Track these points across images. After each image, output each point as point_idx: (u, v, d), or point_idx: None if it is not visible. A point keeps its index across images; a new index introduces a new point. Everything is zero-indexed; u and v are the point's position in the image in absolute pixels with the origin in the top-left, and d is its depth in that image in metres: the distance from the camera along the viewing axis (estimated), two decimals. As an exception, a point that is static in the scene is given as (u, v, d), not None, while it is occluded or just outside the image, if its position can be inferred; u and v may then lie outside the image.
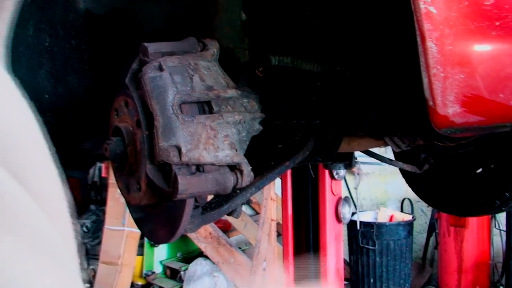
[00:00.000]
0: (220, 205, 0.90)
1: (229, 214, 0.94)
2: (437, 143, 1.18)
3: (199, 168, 0.76)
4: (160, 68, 0.78)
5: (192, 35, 0.88)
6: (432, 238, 4.79)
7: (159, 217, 0.90)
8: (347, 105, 1.07)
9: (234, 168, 0.80)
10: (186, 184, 0.73)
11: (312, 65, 1.00)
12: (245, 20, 0.99)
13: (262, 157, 0.83)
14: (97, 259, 4.84)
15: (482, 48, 0.60)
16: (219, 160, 0.76)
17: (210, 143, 0.76)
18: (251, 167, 0.81)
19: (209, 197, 0.90)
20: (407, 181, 1.61)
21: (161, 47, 0.82)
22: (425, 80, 0.61)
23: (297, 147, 1.03)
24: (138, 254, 4.99)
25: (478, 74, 0.60)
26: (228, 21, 1.00)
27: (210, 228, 4.54)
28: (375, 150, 1.52)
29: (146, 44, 0.83)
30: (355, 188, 2.60)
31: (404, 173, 1.60)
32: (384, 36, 0.93)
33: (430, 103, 0.62)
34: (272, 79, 0.99)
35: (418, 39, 0.60)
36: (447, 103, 0.60)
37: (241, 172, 0.80)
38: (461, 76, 0.60)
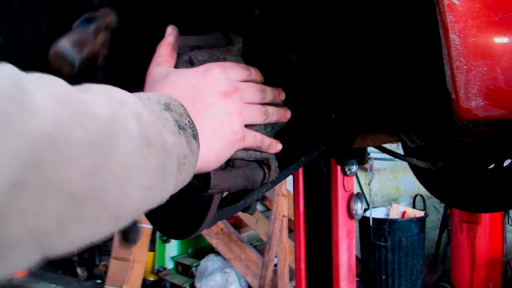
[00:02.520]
0: (236, 200, 0.89)
1: (244, 210, 0.93)
2: (456, 138, 1.16)
3: (229, 163, 0.75)
4: (191, 62, 0.77)
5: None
6: (445, 235, 4.76)
7: (182, 212, 0.89)
8: (362, 100, 1.06)
9: (262, 163, 0.79)
10: (218, 179, 0.72)
11: (327, 59, 0.99)
12: (258, 15, 0.98)
13: (278, 152, 0.81)
14: (109, 255, 4.87)
15: (506, 40, 0.58)
16: (249, 155, 0.75)
17: None
18: (277, 163, 0.80)
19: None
20: (418, 178, 1.59)
21: (189, 41, 0.81)
22: (447, 73, 0.59)
23: (313, 142, 1.02)
24: (149, 250, 5.02)
25: (502, 67, 0.58)
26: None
27: (221, 224, 4.55)
28: (387, 146, 1.51)
29: None
30: (368, 184, 2.59)
31: (414, 170, 1.59)
32: (402, 30, 0.91)
33: (453, 96, 0.60)
34: (287, 74, 0.98)
35: (441, 31, 0.58)
36: (470, 96, 0.59)
37: (269, 167, 0.79)
38: (484, 69, 0.58)
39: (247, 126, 0.74)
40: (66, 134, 0.45)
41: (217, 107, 0.70)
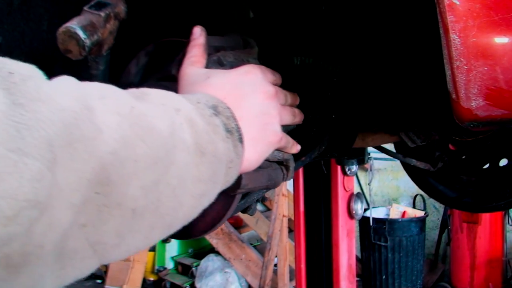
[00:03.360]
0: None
1: (244, 211, 0.93)
2: (456, 138, 1.16)
3: None
4: (220, 63, 0.77)
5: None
6: (445, 235, 4.76)
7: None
8: (363, 100, 1.06)
9: (281, 164, 0.80)
10: (248, 179, 0.72)
11: (330, 63, 1.00)
12: (252, 18, 0.98)
13: (297, 153, 0.82)
14: (109, 255, 4.86)
15: (506, 40, 0.58)
16: (273, 156, 0.76)
17: None
18: (294, 164, 0.81)
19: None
20: (414, 180, 1.59)
21: (213, 41, 0.81)
22: (448, 73, 0.59)
23: (314, 142, 1.02)
24: (149, 250, 5.02)
25: (502, 67, 0.58)
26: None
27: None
28: (387, 146, 1.51)
29: None
30: (368, 184, 2.59)
31: (410, 171, 1.58)
32: (402, 30, 0.91)
33: (453, 96, 0.60)
34: (290, 78, 0.98)
35: (441, 31, 0.58)
36: (471, 96, 0.59)
37: (287, 168, 0.80)
38: (485, 69, 0.58)
39: None
40: (130, 151, 0.46)
41: (261, 108, 0.71)
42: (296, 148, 0.80)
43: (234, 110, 0.65)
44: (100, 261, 0.47)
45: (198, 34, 0.78)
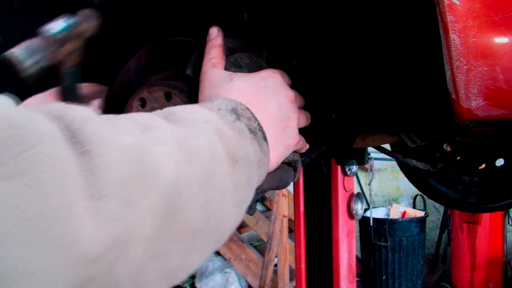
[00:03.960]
0: None
1: (244, 210, 0.94)
2: (456, 138, 1.16)
3: None
4: (237, 65, 0.77)
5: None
6: (445, 235, 4.76)
7: None
8: (363, 101, 1.06)
9: (290, 164, 0.80)
10: (263, 180, 0.73)
11: (329, 64, 1.00)
12: (246, 19, 0.98)
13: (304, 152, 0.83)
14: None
15: (506, 40, 0.58)
16: (285, 158, 0.77)
17: None
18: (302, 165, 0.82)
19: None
20: (413, 182, 1.58)
21: (228, 43, 0.81)
22: (448, 73, 0.59)
23: (313, 142, 1.02)
24: (149, 250, 5.01)
25: (502, 67, 0.58)
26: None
27: (221, 224, 4.54)
28: (387, 146, 1.51)
29: None
30: (368, 184, 2.59)
31: (409, 173, 1.58)
32: (402, 30, 0.91)
33: (453, 96, 0.60)
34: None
35: (441, 32, 0.58)
36: (470, 96, 0.59)
37: (295, 169, 0.81)
38: (485, 69, 0.58)
39: None
40: (183, 177, 0.47)
41: (282, 112, 0.71)
42: (305, 148, 0.82)
43: (256, 114, 0.65)
44: (168, 286, 0.48)
45: (216, 34, 0.78)
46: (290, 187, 3.73)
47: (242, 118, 0.63)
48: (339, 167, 1.87)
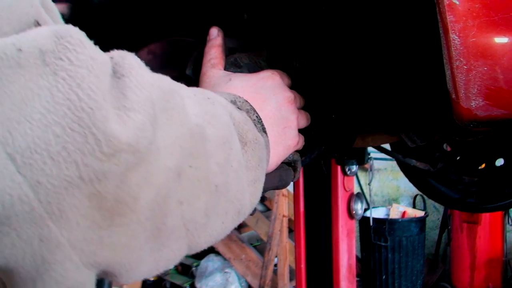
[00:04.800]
0: None
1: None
2: (456, 138, 1.16)
3: None
4: (237, 65, 0.77)
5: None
6: (445, 235, 4.76)
7: None
8: (363, 100, 1.06)
9: (289, 165, 0.80)
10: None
11: (330, 66, 1.00)
12: (246, 19, 0.98)
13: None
14: (109, 255, 4.86)
15: (506, 39, 0.58)
16: (285, 158, 0.77)
17: None
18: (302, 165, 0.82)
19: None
20: (413, 181, 1.58)
21: (227, 43, 0.81)
22: (448, 73, 0.59)
23: (313, 142, 1.02)
24: (149, 250, 5.01)
25: (502, 66, 0.58)
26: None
27: (221, 224, 4.54)
28: (387, 146, 1.51)
29: None
30: (368, 184, 2.59)
31: (409, 173, 1.58)
32: (402, 30, 0.91)
33: (453, 96, 0.60)
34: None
35: (441, 31, 0.58)
36: (470, 96, 0.59)
37: (295, 169, 0.81)
38: (485, 69, 0.58)
39: None
40: (205, 127, 0.48)
41: (281, 113, 0.71)
42: (302, 146, 0.82)
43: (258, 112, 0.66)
44: (188, 246, 0.48)
45: (216, 34, 0.78)
46: (290, 187, 3.73)
47: (242, 109, 0.63)
48: (339, 167, 1.86)
